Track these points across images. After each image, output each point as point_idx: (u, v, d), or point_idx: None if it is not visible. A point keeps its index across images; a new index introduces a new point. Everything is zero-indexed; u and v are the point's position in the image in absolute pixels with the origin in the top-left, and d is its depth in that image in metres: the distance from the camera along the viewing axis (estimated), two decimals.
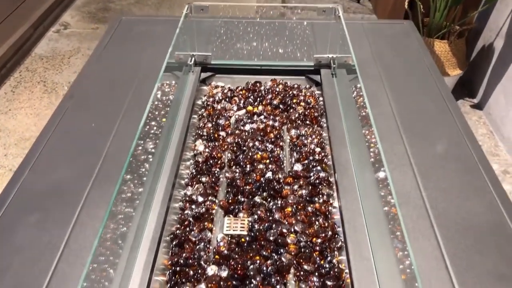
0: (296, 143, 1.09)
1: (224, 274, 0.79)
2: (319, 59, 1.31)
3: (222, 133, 1.12)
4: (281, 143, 1.09)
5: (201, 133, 1.12)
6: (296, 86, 1.28)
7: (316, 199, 0.95)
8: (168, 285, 0.79)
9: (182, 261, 0.82)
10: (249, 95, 1.25)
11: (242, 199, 0.95)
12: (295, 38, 1.50)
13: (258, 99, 1.23)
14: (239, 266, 0.80)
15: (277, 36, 1.51)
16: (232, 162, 1.04)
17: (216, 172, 1.01)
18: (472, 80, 2.67)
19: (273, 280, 0.78)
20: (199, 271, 0.80)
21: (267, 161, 1.04)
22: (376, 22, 1.55)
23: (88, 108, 1.16)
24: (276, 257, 0.82)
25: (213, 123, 1.15)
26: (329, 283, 0.78)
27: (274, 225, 0.87)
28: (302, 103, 1.21)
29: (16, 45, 2.93)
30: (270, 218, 0.90)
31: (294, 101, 1.21)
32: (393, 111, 1.14)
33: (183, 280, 0.79)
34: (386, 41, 1.45)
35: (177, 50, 1.29)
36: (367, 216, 0.87)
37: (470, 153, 1.03)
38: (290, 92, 1.24)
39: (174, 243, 0.86)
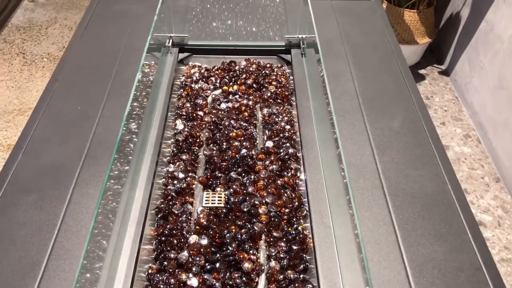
0: (268, 121, 1.20)
1: (204, 242, 0.90)
2: (289, 39, 1.39)
3: (200, 113, 1.21)
4: (254, 121, 1.20)
5: (180, 113, 1.22)
6: (268, 65, 1.37)
7: (285, 173, 1.06)
8: (155, 253, 0.91)
9: (166, 232, 0.93)
10: (225, 74, 1.34)
11: (219, 175, 1.06)
12: (268, 16, 1.58)
13: (233, 78, 1.32)
14: (217, 235, 0.91)
15: (251, 15, 1.58)
16: (209, 141, 1.14)
17: (195, 150, 1.11)
18: (441, 47, 2.78)
19: (246, 246, 0.91)
20: (182, 240, 0.92)
21: (242, 138, 1.15)
22: (343, 0, 1.62)
23: (73, 91, 1.23)
24: (249, 226, 0.94)
25: (192, 103, 1.24)
26: (294, 247, 0.90)
27: (247, 198, 0.99)
28: (274, 82, 1.31)
29: None
30: (244, 191, 1.01)
31: (267, 80, 1.31)
32: (356, 89, 1.24)
33: (168, 248, 0.91)
34: (353, 20, 1.54)
35: (155, 32, 1.36)
36: (329, 187, 0.99)
37: (423, 128, 1.14)
38: (263, 72, 1.34)
39: (159, 216, 0.97)
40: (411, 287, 0.82)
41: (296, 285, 0.85)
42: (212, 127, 1.17)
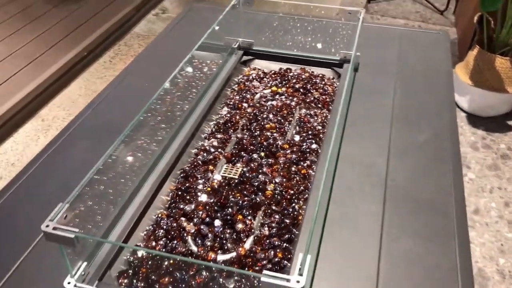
0: (302, 120, 1.30)
1: (210, 201, 1.03)
2: (344, 55, 1.50)
3: (245, 105, 1.36)
4: (290, 118, 1.31)
5: (228, 103, 1.37)
6: (320, 75, 1.48)
7: (302, 163, 1.16)
8: (169, 202, 1.06)
9: (183, 188, 1.07)
10: (278, 78, 1.47)
11: (244, 155, 1.18)
12: (336, 35, 1.70)
13: (284, 82, 1.45)
14: (223, 197, 1.04)
15: (320, 33, 1.72)
16: (245, 127, 1.27)
17: (229, 132, 1.26)
18: None
19: (245, 212, 1.01)
20: (194, 197, 1.05)
21: (275, 130, 1.26)
22: (413, 30, 1.69)
23: (147, 72, 1.46)
24: (253, 197, 1.05)
25: (240, 96, 1.39)
26: (286, 220, 0.99)
27: (260, 176, 1.10)
28: (320, 90, 1.41)
29: (119, 23, 3.39)
30: (260, 170, 1.13)
31: (314, 87, 1.42)
32: (393, 104, 1.30)
33: (180, 201, 1.05)
34: (415, 47, 1.60)
35: (228, 36, 1.56)
36: (336, 177, 1.07)
37: (448, 146, 1.17)
38: (314, 80, 1.45)
39: (181, 175, 1.12)
40: (378, 274, 0.87)
41: (278, 250, 0.94)
42: (251, 117, 1.31)
